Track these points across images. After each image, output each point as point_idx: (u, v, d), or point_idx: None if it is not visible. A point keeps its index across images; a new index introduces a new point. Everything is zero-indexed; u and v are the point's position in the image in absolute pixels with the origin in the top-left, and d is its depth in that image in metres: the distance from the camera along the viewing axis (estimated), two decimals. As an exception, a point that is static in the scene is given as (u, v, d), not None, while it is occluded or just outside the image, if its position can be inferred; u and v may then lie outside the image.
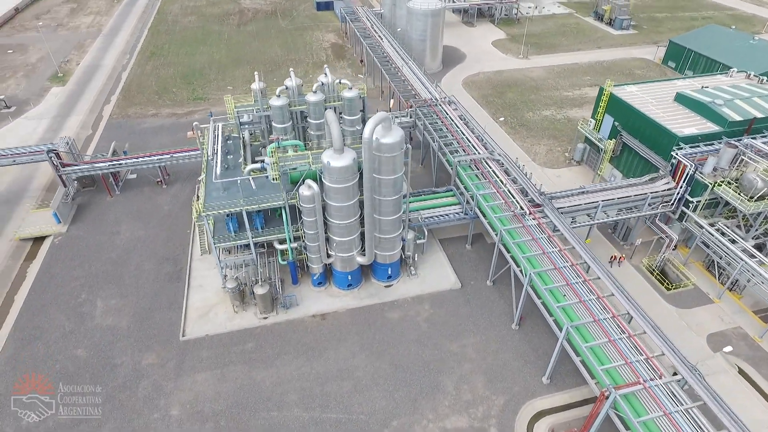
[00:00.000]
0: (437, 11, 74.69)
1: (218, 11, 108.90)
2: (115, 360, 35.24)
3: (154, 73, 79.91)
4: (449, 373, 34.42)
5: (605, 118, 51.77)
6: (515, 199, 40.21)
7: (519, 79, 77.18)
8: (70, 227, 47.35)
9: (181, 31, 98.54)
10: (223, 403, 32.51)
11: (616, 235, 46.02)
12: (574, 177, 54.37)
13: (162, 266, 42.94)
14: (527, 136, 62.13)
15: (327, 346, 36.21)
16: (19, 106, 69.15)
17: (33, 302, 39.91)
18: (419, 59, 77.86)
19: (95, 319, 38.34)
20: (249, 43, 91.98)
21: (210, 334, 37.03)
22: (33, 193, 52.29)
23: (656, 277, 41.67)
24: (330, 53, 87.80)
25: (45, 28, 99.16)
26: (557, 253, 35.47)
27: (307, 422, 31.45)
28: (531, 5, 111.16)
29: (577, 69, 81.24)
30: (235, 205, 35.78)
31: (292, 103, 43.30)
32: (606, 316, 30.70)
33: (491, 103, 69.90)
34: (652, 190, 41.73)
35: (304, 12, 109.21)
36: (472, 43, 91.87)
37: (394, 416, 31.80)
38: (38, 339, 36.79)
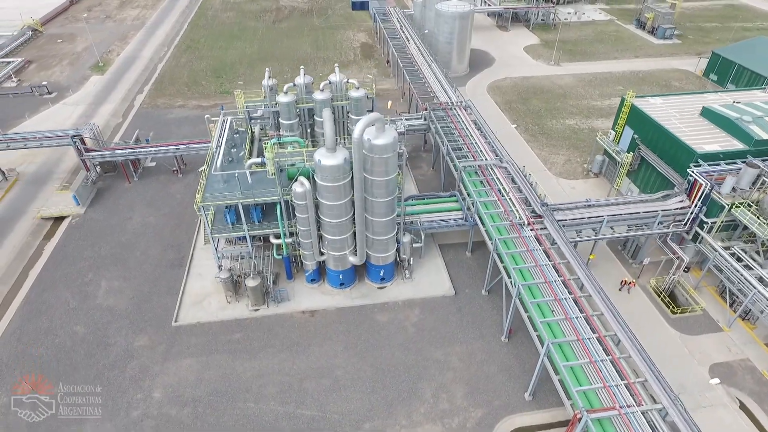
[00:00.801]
0: (465, 14, 73.75)
1: (256, 8, 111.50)
2: (110, 339, 36.71)
3: (188, 66, 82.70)
4: (429, 380, 33.93)
5: (625, 130, 49.69)
6: (515, 208, 39.21)
7: (546, 86, 75.16)
8: (88, 209, 49.67)
9: (219, 26, 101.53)
10: (204, 390, 33.28)
11: (626, 252, 44.09)
12: (590, 189, 52.47)
13: (166, 252, 44.38)
14: (546, 145, 60.42)
15: (312, 343, 36.44)
16: (60, 92, 73.10)
17: (44, 278, 42.12)
18: (445, 62, 77.35)
19: (97, 298, 40.05)
20: (281, 40, 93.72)
21: (201, 321, 37.99)
22: (59, 175, 55.14)
23: (662, 299, 39.63)
24: (358, 53, 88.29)
25: (94, 20, 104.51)
26: (550, 267, 34.32)
27: (281, 416, 31.75)
28: (570, 11, 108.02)
29: (609, 78, 78.34)
30: (232, 198, 36.64)
31: (299, 100, 43.79)
32: (591, 336, 29.45)
33: (514, 110, 68.40)
34: (664, 208, 39.73)
35: (339, 11, 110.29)
36: (503, 47, 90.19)
37: (367, 418, 31.65)
38: (43, 314, 38.79)
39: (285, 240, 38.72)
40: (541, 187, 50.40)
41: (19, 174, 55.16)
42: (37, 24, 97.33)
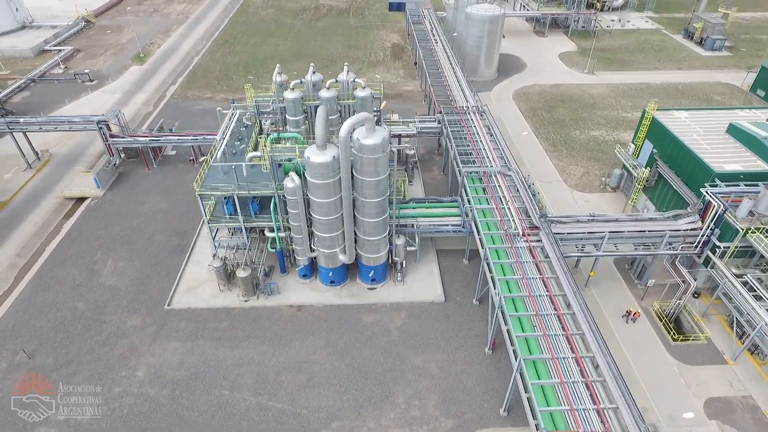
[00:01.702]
0: (495, 18, 72.38)
1: (295, 6, 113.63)
2: (106, 317, 38.39)
3: (221, 60, 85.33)
4: (405, 385, 33.51)
5: (645, 144, 47.35)
6: (512, 217, 38.10)
7: (576, 95, 72.65)
8: (107, 192, 52.15)
9: (257, 22, 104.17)
10: (184, 374, 34.23)
11: (632, 272, 41.98)
12: (604, 204, 50.33)
13: (171, 238, 45.96)
14: (566, 155, 58.40)
15: (294, 337, 36.77)
16: (101, 80, 77.11)
17: (57, 254, 44.55)
18: (473, 66, 76.35)
19: (102, 277, 41.97)
20: (314, 38, 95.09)
21: (192, 307, 39.10)
22: (87, 158, 58.15)
23: (664, 323, 37.47)
24: (388, 53, 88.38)
25: (143, 13, 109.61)
26: (539, 281, 33.13)
27: (252, 407, 32.22)
28: (614, 18, 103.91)
29: (645, 89, 74.82)
30: (228, 189, 37.55)
31: (306, 97, 44.26)
32: (567, 356, 28.20)
33: (537, 117, 66.52)
34: (672, 228, 37.53)
35: (376, 11, 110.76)
36: (537, 53, 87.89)
37: (336, 417, 31.62)
38: (51, 288, 41.03)
39: (278, 234, 39.28)
40: (545, 198, 49.34)
41: (52, 155, 58.60)
42: (90, 15, 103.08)
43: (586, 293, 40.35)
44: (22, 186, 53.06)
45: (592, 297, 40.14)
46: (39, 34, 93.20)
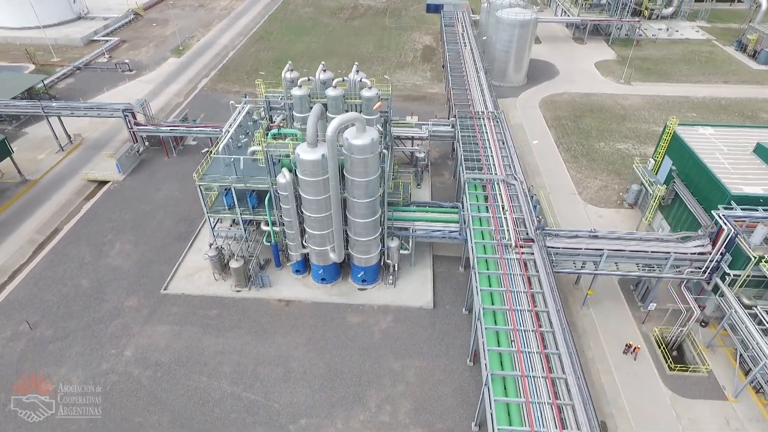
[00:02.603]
0: (526, 22, 70.54)
1: (334, 5, 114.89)
2: (106, 296, 40.13)
3: (254, 56, 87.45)
4: (379, 389, 33.20)
5: (665, 160, 44.83)
6: (507, 228, 36.97)
7: (607, 105, 69.74)
8: (127, 178, 54.53)
9: (295, 20, 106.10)
10: (169, 357, 35.29)
11: (636, 293, 39.85)
12: (619, 220, 48.03)
13: (178, 225, 47.50)
14: (586, 167, 56.17)
15: (278, 331, 37.17)
16: (139, 71, 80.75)
17: (73, 234, 46.97)
18: (501, 71, 74.90)
19: (108, 258, 43.92)
20: (348, 37, 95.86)
21: (186, 293, 40.25)
22: (115, 144, 60.90)
23: (662, 350, 35.33)
24: (418, 55, 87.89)
25: (189, 7, 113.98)
26: (523, 295, 31.98)
27: (227, 395, 32.80)
28: (662, 27, 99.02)
29: (684, 103, 70.90)
30: (226, 181, 38.43)
31: (313, 95, 44.55)
32: (538, 375, 27.06)
33: (561, 127, 64.34)
34: (678, 251, 35.34)
35: (413, 13, 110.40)
36: (572, 60, 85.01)
37: (305, 414, 31.72)
38: (61, 264, 43.31)
39: (273, 228, 39.83)
40: (549, 210, 47.82)
41: (84, 139, 61.84)
42: (140, 9, 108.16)
43: (583, 312, 38.81)
44: (52, 167, 56.30)
45: (589, 316, 38.45)
46: (91, 25, 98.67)
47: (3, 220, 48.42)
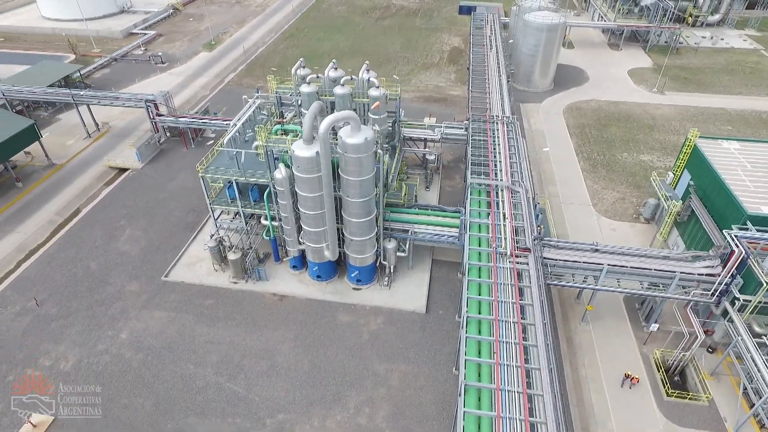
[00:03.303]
0: (554, 26, 68.57)
1: (367, 5, 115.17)
2: (110, 279, 41.54)
3: (282, 52, 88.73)
4: (360, 390, 32.95)
5: (684, 174, 42.60)
6: (505, 236, 35.93)
7: (635, 115, 66.94)
8: (146, 166, 56.35)
9: (327, 18, 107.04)
10: (161, 342, 36.19)
11: (641, 312, 38.00)
12: (633, 235, 45.98)
13: (187, 215, 48.67)
14: (604, 178, 54.06)
15: (268, 325, 37.49)
16: (171, 63, 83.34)
17: (89, 217, 48.92)
18: (526, 75, 73.22)
19: (118, 242, 45.47)
20: (376, 36, 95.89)
21: (185, 281, 41.17)
22: (140, 133, 62.97)
23: (661, 374, 33.52)
24: (445, 56, 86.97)
25: (226, 4, 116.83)
26: (510, 306, 30.96)
27: (210, 385, 33.33)
28: (705, 35, 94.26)
29: (720, 115, 67.21)
30: (227, 174, 39.07)
31: (321, 92, 44.70)
32: (513, 389, 26.11)
33: (584, 135, 62.20)
34: (684, 270, 33.41)
35: (445, 14, 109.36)
36: (604, 67, 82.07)
37: (284, 410, 31.83)
38: (74, 246, 45.15)
39: (271, 223, 40.19)
40: (558, 221, 46.06)
41: (110, 127, 64.34)
42: (179, 4, 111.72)
43: (581, 328, 37.37)
44: (78, 152, 58.81)
45: (588, 333, 36.97)
46: (132, 18, 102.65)
47: (28, 200, 50.92)
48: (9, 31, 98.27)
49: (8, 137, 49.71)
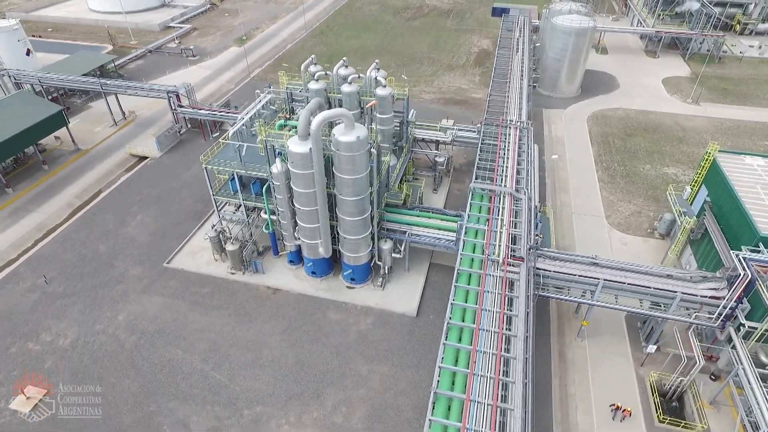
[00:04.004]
0: (582, 30, 66.33)
1: (399, 4, 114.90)
2: (116, 262, 43.01)
3: (310, 49, 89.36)
4: (339, 389, 32.83)
5: (702, 190, 40.33)
6: (500, 243, 34.98)
7: (664, 125, 63.97)
8: (164, 155, 58.10)
9: (358, 17, 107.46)
10: (154, 326, 37.17)
11: (642, 332, 36.23)
12: (644, 250, 43.92)
13: (197, 204, 49.82)
14: (621, 190, 51.90)
15: (258, 317, 37.89)
16: (201, 57, 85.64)
17: (105, 202, 50.85)
18: (552, 80, 71.30)
19: (128, 227, 47.04)
20: (404, 36, 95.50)
21: (185, 269, 42.13)
22: (164, 123, 64.94)
23: (655, 398, 31.83)
24: (471, 58, 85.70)
25: (261, 0, 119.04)
26: (495, 315, 30.09)
27: (196, 371, 33.97)
28: (754, 44, 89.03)
29: (759, 130, 63.35)
30: (229, 166, 39.74)
31: (329, 89, 44.84)
32: (482, 401, 25.35)
33: (606, 144, 59.92)
34: (686, 291, 31.59)
35: (477, 15, 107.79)
36: (637, 74, 78.85)
37: (262, 402, 32.08)
38: (87, 229, 47.01)
39: (270, 217, 40.61)
40: (567, 231, 44.42)
41: (137, 116, 66.72)
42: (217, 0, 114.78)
43: (576, 344, 36.01)
44: (103, 139, 61.25)
45: (582, 349, 35.57)
46: (171, 12, 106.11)
47: (52, 182, 53.42)
48: (58, 21, 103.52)
49: (37, 122, 52.24)
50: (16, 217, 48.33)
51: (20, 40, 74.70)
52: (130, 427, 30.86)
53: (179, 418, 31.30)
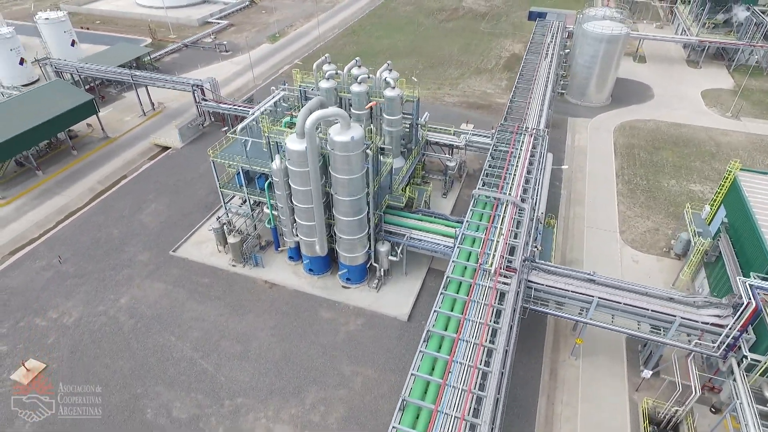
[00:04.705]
0: (614, 37, 63.82)
1: (435, 5, 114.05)
2: (126, 247, 44.68)
3: (340, 48, 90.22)
4: (320, 388, 32.90)
5: (720, 210, 38.03)
6: (495, 252, 34.08)
7: (697, 140, 60.76)
8: (186, 146, 59.91)
9: (392, 17, 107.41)
10: (152, 312, 38.36)
11: (642, 355, 34.51)
12: (656, 270, 41.86)
13: (209, 196, 51.07)
14: (640, 205, 49.64)
15: (252, 310, 38.47)
16: (234, 52, 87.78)
17: (124, 188, 52.95)
18: (580, 88, 69.13)
19: (142, 214, 48.76)
20: (436, 38, 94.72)
21: (189, 258, 43.27)
22: (189, 115, 66.91)
23: (645, 426, 30.22)
24: (501, 63, 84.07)
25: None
26: (477, 325, 29.34)
27: (185, 358, 34.83)
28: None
29: (802, 149, 59.22)
30: (234, 160, 40.54)
31: (340, 88, 44.97)
32: (451, 413, 24.76)
33: (630, 156, 57.46)
34: (685, 316, 29.84)
35: (513, 19, 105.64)
36: (675, 85, 75.23)
37: (244, 394, 32.54)
38: (104, 213, 49.07)
39: (272, 212, 41.16)
40: (575, 244, 42.83)
41: (165, 108, 69.11)
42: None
43: (569, 362, 34.75)
44: (131, 129, 63.77)
45: (575, 369, 34.25)
46: (211, 8, 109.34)
47: (79, 168, 56.06)
48: (106, 15, 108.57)
49: (68, 109, 54.96)
50: (42, 198, 51.00)
51: (66, 32, 78.88)
52: (116, 407, 31.95)
53: (163, 402, 32.17)
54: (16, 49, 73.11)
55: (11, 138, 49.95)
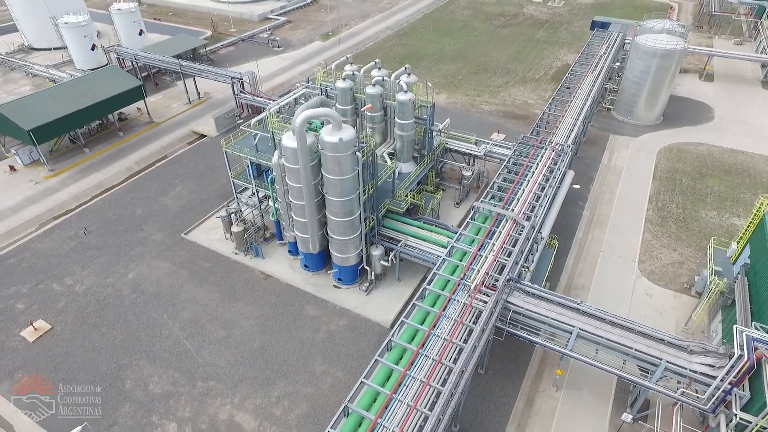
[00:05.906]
0: (669, 53, 59.20)
1: (495, 11, 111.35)
2: (145, 226, 47.48)
3: (387, 50, 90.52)
4: (290, 383, 33.28)
5: (746, 249, 34.29)
6: (480, 269, 32.81)
7: (753, 169, 55.10)
8: (219, 135, 62.57)
9: (446, 21, 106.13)
10: (152, 289, 40.52)
11: (631, 396, 31.86)
12: (669, 307, 38.47)
13: (229, 185, 52.54)
14: (668, 235, 45.80)
15: (242, 298, 39.60)
16: (285, 48, 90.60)
17: (156, 171, 56.29)
18: (628, 105, 65.13)
19: (166, 197, 51.60)
20: (488, 44, 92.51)
21: (197, 243, 45.26)
22: (230, 106, 70.08)
23: (616, 474, 27.94)
24: (550, 73, 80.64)
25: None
26: (441, 341, 28.42)
27: (171, 337, 36.49)
28: None
29: None
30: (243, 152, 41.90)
31: (356, 89, 45.08)
32: (391, 427, 24.13)
33: (670, 181, 53.13)
34: (674, 360, 27.16)
35: (574, 28, 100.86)
36: (742, 107, 68.62)
37: (216, 378, 33.57)
38: (133, 192, 52.43)
39: (275, 204, 42.12)
40: (585, 270, 40.33)
41: (210, 97, 72.63)
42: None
43: (549, 393, 32.83)
44: (175, 115, 67.59)
45: (554, 400, 32.28)
46: (273, 4, 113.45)
47: (122, 148, 60.25)
48: (178, 7, 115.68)
49: (117, 93, 59.22)
50: (84, 173, 55.34)
51: (135, 21, 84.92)
52: (102, 374, 34.06)
53: (143, 375, 33.91)
54: (90, 35, 79.62)
55: (65, 116, 54.57)
